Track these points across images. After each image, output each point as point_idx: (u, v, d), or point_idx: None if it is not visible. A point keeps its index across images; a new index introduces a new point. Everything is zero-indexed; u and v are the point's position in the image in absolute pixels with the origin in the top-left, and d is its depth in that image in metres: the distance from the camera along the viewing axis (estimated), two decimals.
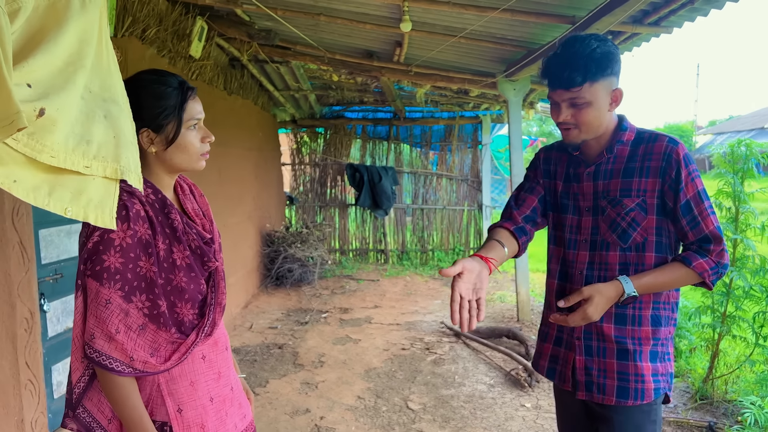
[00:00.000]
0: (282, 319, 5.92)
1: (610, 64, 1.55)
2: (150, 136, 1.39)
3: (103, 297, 1.28)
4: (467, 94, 7.37)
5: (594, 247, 1.66)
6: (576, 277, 1.68)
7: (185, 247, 1.41)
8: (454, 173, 9.08)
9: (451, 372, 4.28)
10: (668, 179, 1.56)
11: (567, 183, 1.75)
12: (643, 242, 1.60)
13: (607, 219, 1.63)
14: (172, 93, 1.39)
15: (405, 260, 9.01)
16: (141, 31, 3.92)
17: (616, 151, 1.65)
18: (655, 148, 1.60)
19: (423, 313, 6.09)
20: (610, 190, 1.64)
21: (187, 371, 1.43)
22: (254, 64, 6.55)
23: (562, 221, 1.75)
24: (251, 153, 6.98)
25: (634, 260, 1.61)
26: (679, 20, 3.21)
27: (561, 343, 1.74)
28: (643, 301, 1.61)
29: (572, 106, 1.59)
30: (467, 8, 3.56)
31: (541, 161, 1.85)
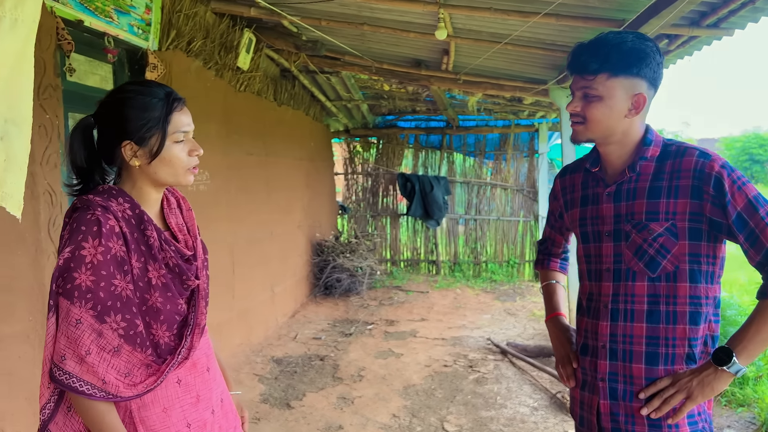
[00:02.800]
0: (327, 329, 5.89)
1: (639, 63, 1.38)
2: (133, 149, 1.33)
3: (74, 316, 1.23)
4: (521, 102, 7.15)
5: (618, 277, 1.48)
6: (601, 312, 1.51)
7: (161, 265, 1.36)
8: (509, 183, 8.84)
9: (493, 392, 4.11)
10: (707, 197, 1.36)
11: (584, 207, 1.59)
12: (675, 271, 1.41)
13: (632, 245, 1.45)
14: (157, 104, 1.34)
15: (457, 272, 8.83)
16: (186, 43, 3.99)
17: (640, 168, 1.46)
18: (683, 164, 1.41)
19: (471, 327, 5.92)
20: (634, 213, 1.45)
21: (160, 397, 1.36)
22: (305, 74, 6.60)
23: (584, 251, 1.59)
24: (302, 163, 7.03)
25: (664, 291, 1.42)
26: (740, 21, 2.95)
27: (585, 386, 1.58)
28: (677, 337, 1.42)
29: (584, 98, 1.44)
30: (510, 14, 3.41)
31: (559, 192, 1.72)
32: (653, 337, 1.44)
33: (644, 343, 1.44)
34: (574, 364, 1.61)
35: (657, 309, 1.43)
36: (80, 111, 3.08)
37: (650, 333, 1.44)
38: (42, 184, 2.62)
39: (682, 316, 1.42)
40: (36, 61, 2.60)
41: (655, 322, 1.43)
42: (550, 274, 1.87)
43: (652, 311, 1.44)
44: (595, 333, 1.52)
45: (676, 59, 3.87)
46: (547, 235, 1.89)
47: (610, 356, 1.49)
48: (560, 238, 1.85)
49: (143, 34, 3.45)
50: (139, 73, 3.52)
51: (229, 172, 4.78)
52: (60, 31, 2.72)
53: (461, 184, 8.99)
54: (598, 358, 1.51)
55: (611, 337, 1.49)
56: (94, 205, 1.28)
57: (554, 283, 1.84)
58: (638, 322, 1.45)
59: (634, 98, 1.41)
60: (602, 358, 1.50)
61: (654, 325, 1.43)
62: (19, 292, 2.51)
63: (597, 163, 1.56)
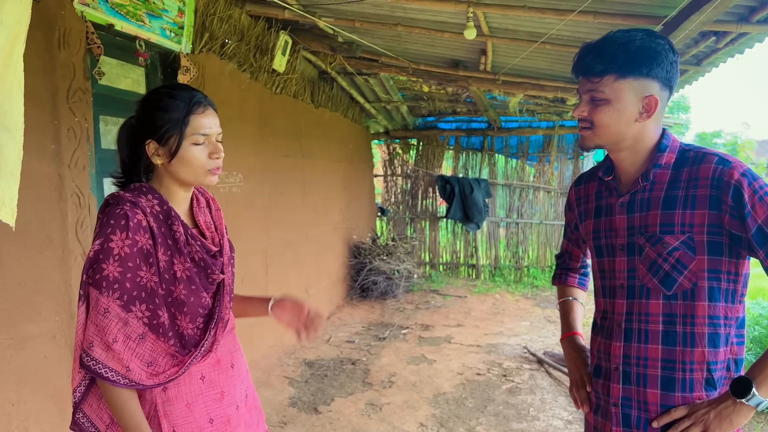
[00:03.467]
0: (361, 332, 5.85)
1: (649, 62, 1.27)
2: (154, 147, 1.40)
3: (102, 305, 1.30)
4: (564, 103, 6.95)
5: (632, 295, 1.37)
6: (614, 331, 1.40)
7: (186, 259, 1.41)
8: (553, 186, 8.60)
9: (526, 403, 3.97)
10: (726, 207, 1.24)
11: (597, 218, 1.47)
12: (692, 289, 1.28)
13: (645, 260, 1.33)
14: (179, 106, 1.39)
15: (497, 276, 8.65)
16: (219, 46, 4.02)
17: (653, 176, 1.34)
18: (701, 171, 1.28)
19: (508, 335, 5.76)
20: (648, 225, 1.33)
21: (183, 393, 1.42)
22: (343, 76, 6.59)
23: (598, 266, 1.48)
24: (339, 165, 7.02)
25: (681, 311, 1.30)
26: None
27: (598, 410, 1.46)
28: (695, 361, 1.30)
29: (591, 102, 1.34)
30: (545, 12, 3.29)
31: (574, 202, 1.61)
32: (669, 361, 1.32)
33: (659, 366, 1.33)
34: (588, 388, 1.50)
35: (673, 330, 1.31)
36: (111, 114, 3.12)
37: (666, 356, 1.32)
38: (70, 186, 2.66)
39: (700, 337, 1.29)
40: (65, 64, 2.65)
41: (671, 344, 1.31)
42: (568, 290, 1.76)
43: (668, 332, 1.32)
44: (608, 354, 1.41)
45: (725, 57, 3.65)
46: (565, 248, 1.78)
47: (623, 380, 1.38)
48: (578, 252, 1.74)
49: (176, 38, 3.48)
50: (172, 76, 3.56)
51: (263, 174, 4.79)
52: (89, 35, 2.76)
53: (503, 186, 8.80)
54: (611, 381, 1.40)
55: (624, 359, 1.37)
56: (123, 200, 1.35)
57: (571, 300, 1.73)
58: (653, 344, 1.33)
59: (645, 101, 1.30)
60: (615, 381, 1.39)
61: (670, 347, 1.31)
62: (46, 293, 2.56)
63: (610, 172, 1.45)
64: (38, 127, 2.53)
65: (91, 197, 2.79)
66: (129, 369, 1.31)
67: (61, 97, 2.62)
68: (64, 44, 2.62)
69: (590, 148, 1.39)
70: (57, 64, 2.60)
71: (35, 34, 2.52)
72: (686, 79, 4.43)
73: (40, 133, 2.53)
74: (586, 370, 1.54)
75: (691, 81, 4.60)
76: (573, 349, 1.63)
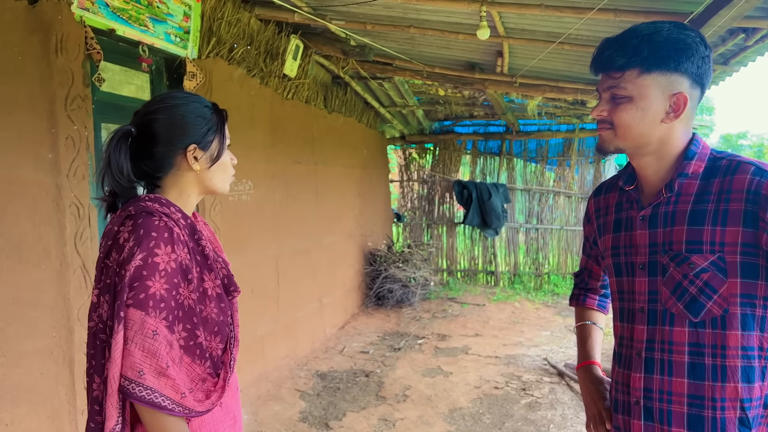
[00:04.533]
0: (376, 342, 5.71)
1: (677, 55, 1.12)
2: (197, 153, 1.33)
3: (150, 327, 1.17)
4: (584, 105, 6.75)
5: (654, 320, 1.21)
6: (634, 360, 1.24)
7: (216, 275, 1.33)
8: (574, 190, 8.38)
9: (546, 419, 3.79)
10: (764, 225, 1.08)
11: (617, 233, 1.31)
12: (723, 316, 1.13)
13: (669, 282, 1.18)
14: (209, 112, 1.36)
15: (517, 283, 8.44)
16: (227, 51, 3.92)
17: (679, 187, 1.19)
18: (735, 182, 1.12)
19: (527, 345, 5.58)
20: (672, 242, 1.18)
21: (207, 422, 1.31)
22: (357, 81, 6.48)
23: (616, 287, 1.33)
24: (353, 171, 6.90)
25: (710, 341, 1.14)
26: None
27: None
28: (727, 398, 1.14)
29: (612, 100, 1.19)
30: (563, 10, 3.13)
31: (593, 215, 1.45)
32: (697, 397, 1.16)
33: (686, 403, 1.17)
34: (608, 425, 1.34)
35: (701, 362, 1.15)
36: (114, 121, 3.04)
37: (693, 391, 1.16)
38: (69, 196, 2.57)
39: (732, 371, 1.13)
40: (63, 71, 2.56)
41: (699, 379, 1.16)
42: (586, 313, 1.59)
43: (694, 364, 1.16)
44: (627, 386, 1.26)
45: (755, 56, 3.46)
46: (584, 265, 1.61)
47: (644, 416, 1.22)
48: (598, 269, 1.56)
49: (181, 42, 3.39)
50: (177, 82, 3.47)
51: (273, 182, 4.69)
52: (89, 40, 2.67)
53: (522, 191, 8.60)
54: (631, 417, 1.25)
55: (646, 392, 1.22)
56: (157, 212, 1.25)
57: (589, 325, 1.56)
58: (678, 377, 1.18)
59: (673, 98, 1.15)
60: (636, 417, 1.24)
61: (698, 381, 1.16)
62: (42, 308, 2.47)
63: (632, 181, 1.29)
64: (34, 136, 2.45)
65: (91, 208, 2.70)
66: (184, 396, 1.20)
67: (59, 104, 2.54)
68: (61, 50, 2.54)
69: (610, 152, 1.24)
70: (54, 70, 2.52)
71: (31, 39, 2.44)
72: (713, 79, 4.22)
73: (36, 142, 2.45)
74: (605, 404, 1.38)
75: (718, 81, 4.40)
76: (590, 380, 1.47)
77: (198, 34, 3.56)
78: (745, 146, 23.00)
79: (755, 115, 51.05)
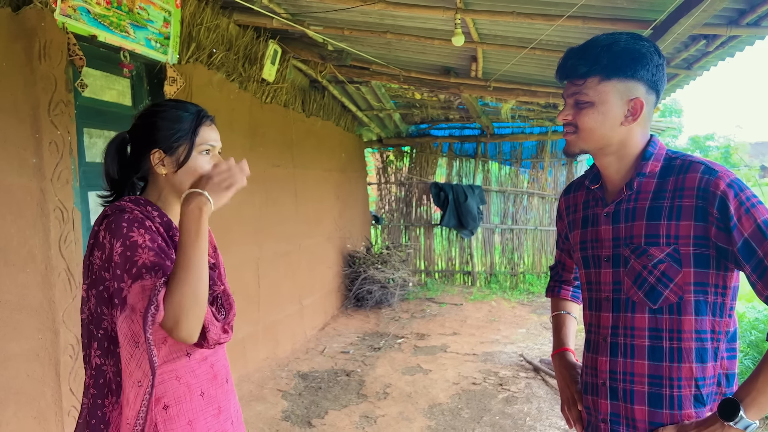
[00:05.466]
0: (356, 343, 5.79)
1: (634, 64, 1.23)
2: (160, 157, 1.39)
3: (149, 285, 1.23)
4: (556, 108, 6.93)
5: (618, 308, 1.32)
6: (601, 345, 1.35)
7: None
8: (547, 191, 8.57)
9: (522, 413, 3.91)
10: (712, 219, 1.19)
11: (584, 228, 1.43)
12: (679, 302, 1.24)
13: (631, 272, 1.29)
14: (188, 118, 1.41)
15: (493, 283, 8.60)
16: (207, 56, 3.97)
17: (638, 186, 1.30)
18: (687, 181, 1.23)
19: (504, 342, 5.71)
20: (633, 236, 1.29)
21: (185, 410, 1.37)
22: (334, 85, 6.56)
23: (585, 278, 1.44)
24: (332, 174, 6.97)
25: (667, 325, 1.25)
26: None
27: (589, 427, 1.42)
28: (683, 377, 1.25)
29: (575, 105, 1.30)
30: (534, 17, 3.26)
31: (563, 212, 1.56)
32: (656, 377, 1.27)
33: (646, 382, 1.28)
34: (579, 407, 1.45)
35: (660, 345, 1.26)
36: (96, 126, 3.08)
37: (653, 371, 1.27)
38: (53, 200, 2.61)
39: (687, 353, 1.24)
40: (46, 77, 2.60)
41: (658, 360, 1.27)
42: (561, 304, 1.70)
43: (654, 347, 1.27)
44: (595, 369, 1.37)
45: (716, 60, 3.62)
46: (558, 258, 1.73)
47: (611, 395, 1.34)
48: (570, 262, 1.67)
49: (161, 48, 3.44)
50: (158, 87, 3.51)
51: (253, 185, 4.71)
52: (71, 46, 2.71)
53: (497, 193, 8.77)
54: (599, 396, 1.36)
55: (611, 374, 1.33)
56: (129, 208, 1.33)
57: (563, 314, 1.68)
58: (639, 359, 1.29)
59: (631, 103, 1.26)
60: (603, 397, 1.35)
61: (657, 363, 1.27)
62: (28, 310, 2.50)
63: (597, 180, 1.41)
64: (19, 141, 2.48)
65: (75, 212, 2.74)
66: None
67: (42, 109, 2.57)
68: (44, 56, 2.58)
69: (575, 153, 1.35)
70: (38, 76, 2.55)
71: (15, 46, 2.47)
72: (677, 83, 4.40)
73: (20, 147, 2.48)
74: (577, 387, 1.49)
75: (682, 85, 4.58)
76: (563, 366, 1.58)
77: (178, 39, 3.61)
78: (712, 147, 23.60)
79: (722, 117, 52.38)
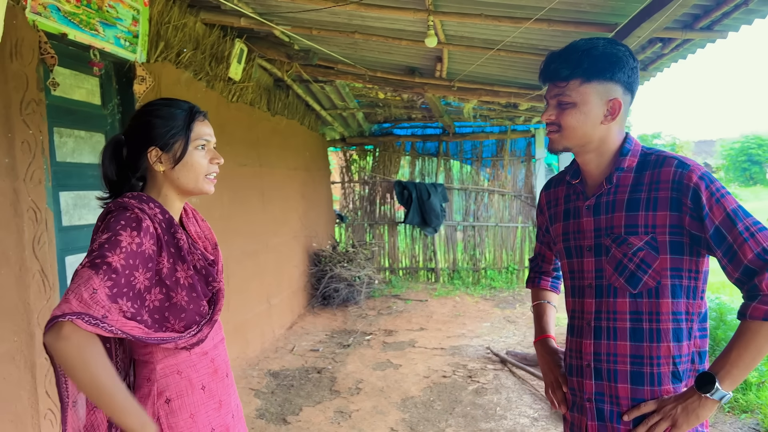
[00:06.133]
0: (325, 341, 5.82)
1: (612, 67, 1.34)
2: (157, 154, 1.43)
3: (93, 285, 1.23)
4: (517, 108, 7.13)
5: (600, 294, 1.42)
6: (585, 330, 1.46)
7: (189, 266, 1.43)
8: (507, 189, 8.78)
9: (492, 403, 4.04)
10: (686, 209, 1.30)
11: (566, 221, 1.53)
12: (657, 287, 1.35)
13: (612, 260, 1.39)
14: (181, 114, 1.45)
15: (456, 279, 8.76)
16: (175, 55, 3.95)
17: (617, 180, 1.41)
18: (662, 174, 1.34)
19: (470, 336, 5.85)
20: (613, 227, 1.40)
21: (187, 404, 1.42)
22: (299, 84, 6.57)
23: (568, 267, 1.54)
24: (297, 173, 6.98)
25: (647, 308, 1.36)
26: (734, 23, 2.91)
27: (574, 407, 1.52)
28: (662, 356, 1.36)
29: (558, 106, 1.39)
30: (501, 20, 3.38)
31: (544, 206, 1.66)
32: (637, 356, 1.38)
33: (628, 362, 1.39)
34: (564, 389, 1.55)
35: (640, 327, 1.37)
36: (66, 126, 3.03)
37: (634, 352, 1.38)
38: (26, 201, 2.57)
39: (665, 333, 1.36)
40: (18, 76, 2.57)
41: (638, 341, 1.38)
42: (541, 294, 1.80)
43: (635, 329, 1.38)
44: (580, 352, 1.47)
45: (670, 62, 3.82)
46: (538, 251, 1.83)
47: (595, 376, 1.44)
48: (550, 254, 1.78)
49: (130, 47, 3.41)
50: (127, 86, 3.48)
51: (221, 183, 4.66)
52: (42, 45, 2.67)
53: (459, 190, 8.93)
54: (583, 377, 1.46)
55: (595, 356, 1.43)
56: (131, 206, 1.36)
57: (544, 303, 1.78)
58: (621, 341, 1.39)
59: (610, 103, 1.37)
60: (587, 377, 1.45)
61: (638, 343, 1.38)
62: (3, 313, 2.45)
63: (577, 175, 1.51)
64: None
65: (48, 212, 2.70)
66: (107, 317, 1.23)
67: (14, 109, 2.53)
68: (16, 54, 2.53)
69: (559, 150, 1.44)
70: (9, 75, 2.51)
71: None
72: None
73: None
74: (560, 371, 1.59)
75: None
76: (546, 351, 1.67)
77: (146, 38, 3.58)
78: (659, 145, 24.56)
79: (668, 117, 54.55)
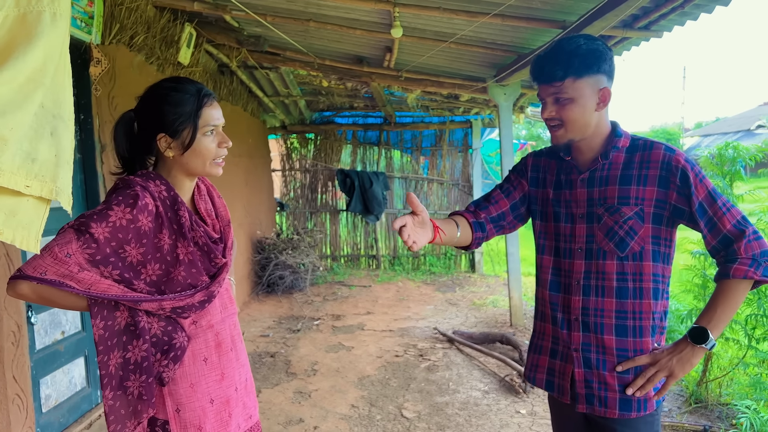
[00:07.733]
0: (274, 326, 5.87)
1: (597, 61, 1.52)
2: (167, 141, 1.46)
3: (69, 249, 1.29)
4: (457, 99, 7.38)
5: (590, 256, 1.62)
6: (573, 287, 1.65)
7: (189, 243, 1.46)
8: (445, 178, 9.07)
9: (445, 379, 4.26)
10: (674, 186, 1.53)
11: (558, 190, 1.71)
12: (641, 251, 1.57)
13: (603, 227, 1.60)
14: (189, 100, 1.45)
15: (397, 265, 8.98)
16: (129, 38, 3.88)
17: (612, 157, 1.61)
18: (652, 156, 1.57)
19: (416, 318, 6.07)
20: (607, 198, 1.60)
21: (188, 373, 1.48)
22: (243, 70, 6.52)
23: (554, 230, 1.72)
24: (241, 160, 6.94)
25: (631, 270, 1.57)
26: (669, 24, 3.22)
27: (557, 355, 1.71)
28: (643, 311, 1.58)
29: (556, 102, 1.57)
30: (458, 14, 3.55)
31: (529, 168, 1.81)
32: (622, 311, 1.59)
33: (614, 316, 1.59)
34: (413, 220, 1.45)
35: (625, 286, 1.58)
36: None
37: (619, 307, 1.59)
38: None
39: (647, 291, 1.57)
40: None
41: (623, 298, 1.58)
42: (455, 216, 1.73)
43: (621, 288, 1.58)
44: (567, 307, 1.65)
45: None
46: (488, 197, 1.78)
47: (582, 328, 1.63)
48: (504, 202, 1.76)
49: (86, 27, 3.33)
50: (83, 68, 3.40)
51: None
52: None
53: (399, 179, 9.14)
54: (571, 330, 1.65)
55: (583, 311, 1.62)
56: (134, 183, 1.40)
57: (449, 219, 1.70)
58: (608, 298, 1.59)
59: (601, 92, 1.56)
60: (575, 330, 1.64)
61: (623, 300, 1.58)
62: None
63: (569, 153, 1.69)
64: None
65: None
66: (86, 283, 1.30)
67: None
68: None
69: (563, 144, 1.62)
70: None
71: None
72: None
73: None
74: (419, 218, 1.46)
75: None
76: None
77: (101, 19, 3.50)
78: None
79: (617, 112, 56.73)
